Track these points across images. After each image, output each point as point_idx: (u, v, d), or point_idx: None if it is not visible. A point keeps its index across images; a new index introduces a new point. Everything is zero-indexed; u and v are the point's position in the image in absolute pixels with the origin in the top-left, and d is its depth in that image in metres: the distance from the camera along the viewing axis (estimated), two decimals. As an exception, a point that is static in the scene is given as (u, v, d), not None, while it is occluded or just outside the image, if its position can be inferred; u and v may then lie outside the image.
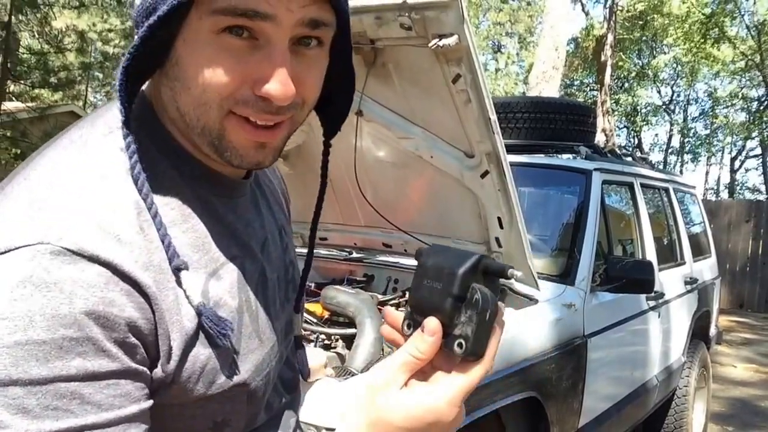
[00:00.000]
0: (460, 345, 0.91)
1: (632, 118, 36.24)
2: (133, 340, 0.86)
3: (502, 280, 1.09)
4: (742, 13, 27.38)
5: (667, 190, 6.04)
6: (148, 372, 0.89)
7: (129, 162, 0.93)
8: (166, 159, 1.00)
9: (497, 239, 3.42)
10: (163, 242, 0.91)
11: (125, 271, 0.85)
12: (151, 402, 0.89)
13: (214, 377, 0.98)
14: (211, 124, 0.95)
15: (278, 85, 0.91)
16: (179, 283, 0.92)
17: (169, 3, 0.86)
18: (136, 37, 0.90)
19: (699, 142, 37.66)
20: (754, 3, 26.60)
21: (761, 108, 30.50)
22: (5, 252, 0.82)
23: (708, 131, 37.14)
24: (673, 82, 36.90)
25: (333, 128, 1.21)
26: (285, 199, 1.39)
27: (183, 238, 0.97)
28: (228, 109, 0.93)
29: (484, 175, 3.21)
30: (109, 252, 0.85)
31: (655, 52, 34.48)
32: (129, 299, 0.85)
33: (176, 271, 0.92)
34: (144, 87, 1.02)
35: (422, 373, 0.95)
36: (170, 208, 0.98)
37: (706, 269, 6.58)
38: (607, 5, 21.65)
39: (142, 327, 0.87)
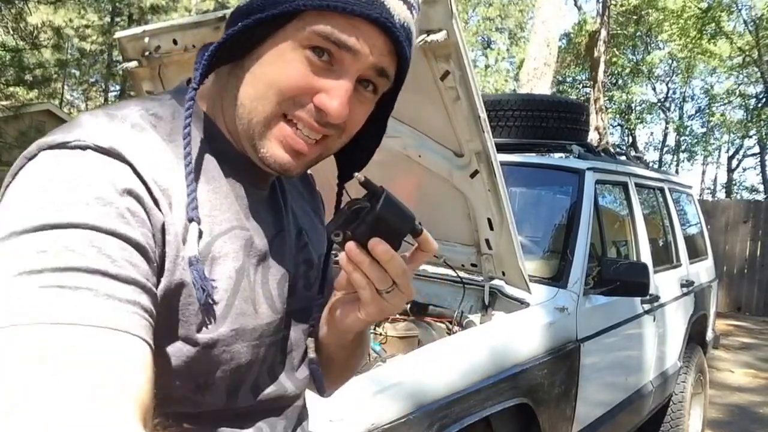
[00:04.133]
0: None
1: (626, 116, 36.37)
2: (147, 223, 0.97)
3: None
4: (740, 7, 27.48)
5: (662, 189, 6.01)
6: (156, 264, 0.98)
7: (184, 122, 1.08)
8: (201, 133, 1.15)
9: (487, 241, 3.39)
10: (189, 196, 1.04)
11: (139, 172, 0.97)
12: (154, 290, 0.96)
13: (196, 317, 1.06)
14: (260, 118, 1.08)
15: (338, 103, 1.06)
16: (186, 230, 1.03)
17: (282, 8, 1.04)
18: (239, 24, 1.07)
19: (695, 140, 37.70)
20: (752, -3, 26.69)
21: (759, 105, 30.53)
22: (50, 147, 0.96)
23: (704, 129, 37.20)
24: (668, 79, 37.06)
25: (348, 172, 1.32)
26: (314, 207, 1.49)
27: (206, 195, 1.10)
28: (283, 111, 1.08)
29: (473, 174, 3.19)
30: (129, 156, 0.97)
31: (649, 48, 34.63)
32: (148, 191, 0.98)
33: (189, 220, 1.03)
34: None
35: None
36: (197, 168, 1.10)
37: (703, 271, 6.55)
38: (600, 0, 21.60)
39: (156, 219, 0.99)
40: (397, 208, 1.11)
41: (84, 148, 0.95)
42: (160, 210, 0.99)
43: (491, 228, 3.31)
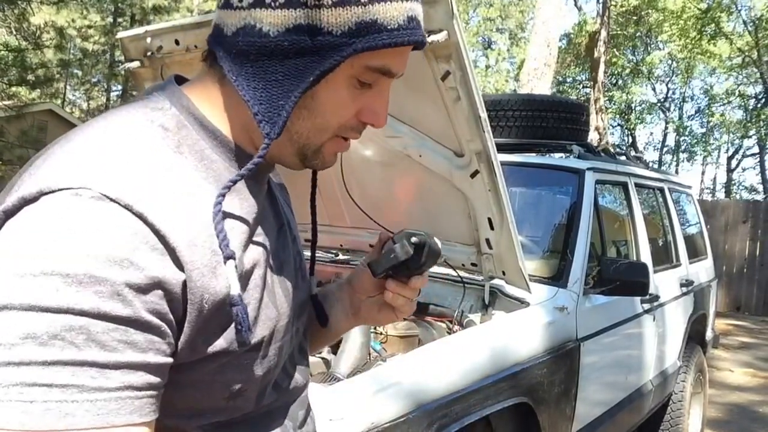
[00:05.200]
0: None
1: (626, 116, 36.28)
2: (153, 291, 0.91)
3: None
4: (739, 8, 27.46)
5: (662, 189, 6.00)
6: (166, 327, 0.94)
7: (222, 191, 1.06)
8: (205, 141, 1.11)
9: (488, 240, 3.38)
10: (218, 235, 1.01)
11: (151, 223, 0.92)
12: (165, 359, 0.94)
13: (234, 336, 1.05)
14: (318, 143, 1.15)
15: (383, 118, 1.16)
16: (214, 260, 1.00)
17: (345, 53, 1.04)
18: (309, 78, 1.05)
19: (695, 140, 37.53)
20: (751, -3, 26.67)
21: (758, 105, 30.50)
22: (52, 191, 0.90)
23: (704, 129, 37.11)
24: (668, 79, 36.98)
25: None
26: (288, 201, 1.51)
27: (227, 206, 1.07)
28: (337, 134, 1.15)
29: (474, 174, 3.18)
30: (139, 204, 0.92)
31: (649, 48, 34.57)
32: (155, 249, 0.92)
33: (225, 258, 1.00)
34: (188, 93, 1.14)
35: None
36: (208, 182, 1.08)
37: (702, 271, 6.54)
38: (600, 0, 21.59)
39: (168, 280, 0.93)
40: (433, 251, 1.33)
41: (89, 197, 0.90)
42: (178, 260, 0.95)
43: (491, 227, 3.30)
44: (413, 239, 1.29)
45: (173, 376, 0.99)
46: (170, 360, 0.95)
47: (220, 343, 1.03)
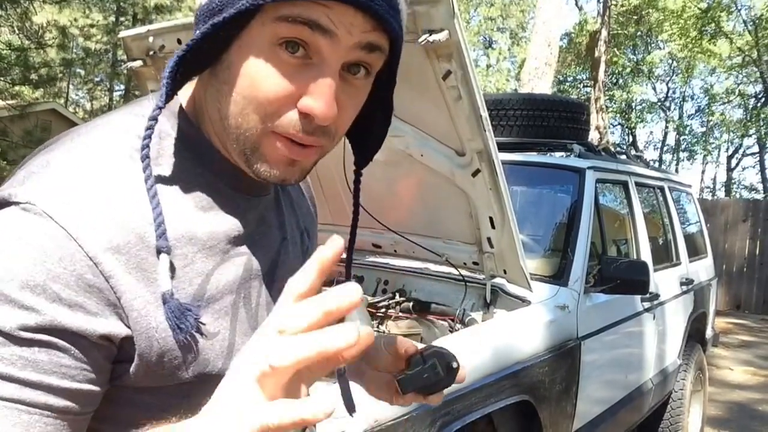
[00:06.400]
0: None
1: (627, 115, 36.27)
2: (65, 318, 0.86)
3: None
4: (739, 7, 27.45)
5: (662, 188, 6.00)
6: (78, 351, 0.88)
7: (142, 142, 0.97)
8: (188, 151, 1.04)
9: (489, 239, 3.38)
10: (155, 222, 0.93)
11: (87, 249, 0.88)
12: (75, 385, 0.88)
13: (193, 363, 0.99)
14: (249, 134, 0.97)
15: (323, 104, 0.93)
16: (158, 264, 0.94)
17: (238, 6, 0.90)
18: (197, 32, 0.94)
19: (695, 139, 37.58)
20: (751, -3, 26.67)
21: (758, 105, 30.48)
22: (8, 204, 0.89)
23: (704, 129, 37.12)
24: (668, 79, 36.96)
25: (364, 157, 1.25)
26: (312, 204, 1.45)
27: (201, 227, 1.01)
28: (268, 127, 0.96)
29: (475, 173, 3.18)
30: (78, 227, 0.88)
31: (650, 48, 34.57)
32: (79, 281, 0.87)
33: (158, 251, 0.93)
34: (181, 94, 1.07)
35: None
36: (182, 197, 1.01)
37: (702, 270, 6.55)
38: (601, 0, 21.60)
39: (89, 309, 0.88)
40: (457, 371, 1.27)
41: (33, 213, 0.88)
42: (111, 289, 0.90)
43: (493, 226, 3.31)
44: (453, 364, 1.25)
45: (139, 398, 0.98)
46: (87, 386, 0.90)
47: (183, 375, 0.99)
